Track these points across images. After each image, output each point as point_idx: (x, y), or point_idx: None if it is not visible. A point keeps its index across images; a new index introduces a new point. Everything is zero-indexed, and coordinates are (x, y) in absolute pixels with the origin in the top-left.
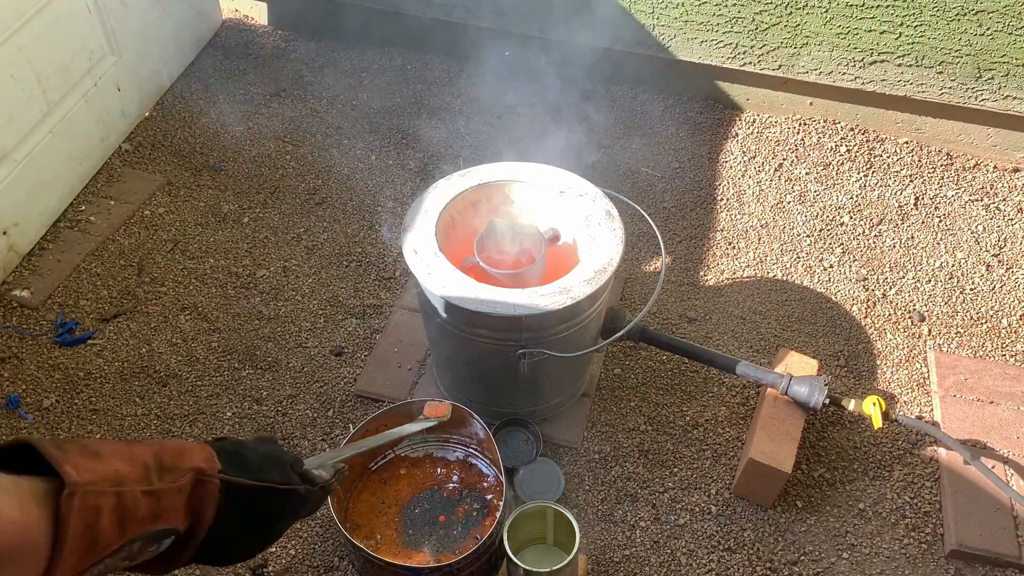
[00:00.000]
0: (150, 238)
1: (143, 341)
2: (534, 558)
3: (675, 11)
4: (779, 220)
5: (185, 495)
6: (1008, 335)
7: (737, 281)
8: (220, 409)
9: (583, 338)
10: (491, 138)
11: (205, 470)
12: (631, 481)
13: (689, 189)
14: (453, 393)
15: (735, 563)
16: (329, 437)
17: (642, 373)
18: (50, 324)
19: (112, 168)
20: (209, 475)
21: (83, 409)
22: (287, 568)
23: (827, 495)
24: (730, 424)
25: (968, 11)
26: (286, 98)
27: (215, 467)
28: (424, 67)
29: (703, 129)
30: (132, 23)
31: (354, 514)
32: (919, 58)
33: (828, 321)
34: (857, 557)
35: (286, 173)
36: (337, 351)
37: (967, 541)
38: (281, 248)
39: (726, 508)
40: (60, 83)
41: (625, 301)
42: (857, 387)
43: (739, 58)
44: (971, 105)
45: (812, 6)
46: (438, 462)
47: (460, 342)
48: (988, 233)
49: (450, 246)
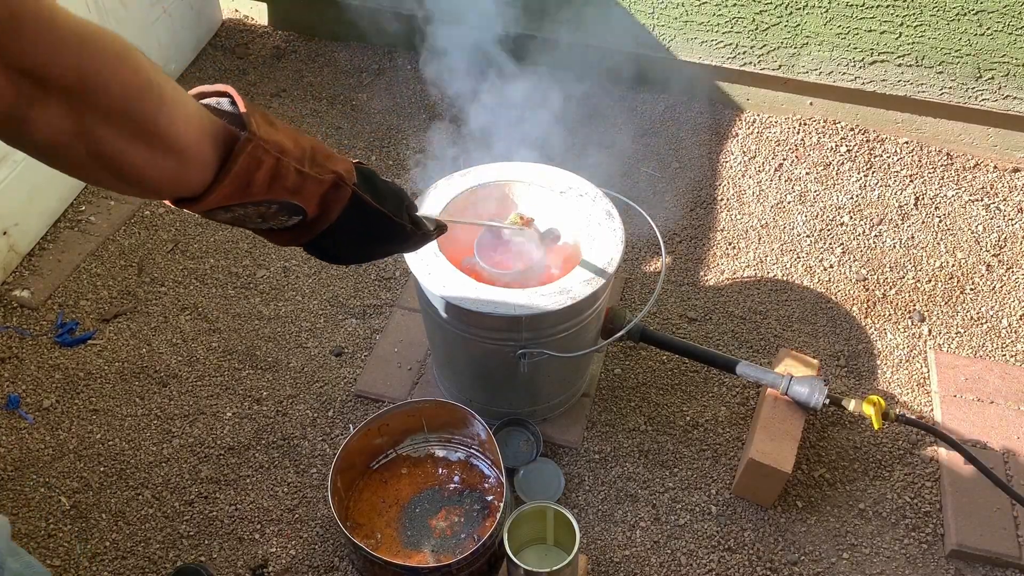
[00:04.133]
0: (150, 238)
1: (143, 341)
2: (534, 558)
3: (675, 11)
4: (779, 220)
5: (323, 189)
6: (1008, 335)
7: (737, 281)
8: (220, 409)
9: (583, 338)
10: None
11: (344, 177)
12: (631, 481)
13: (689, 189)
14: (453, 393)
15: (735, 563)
16: (329, 437)
17: (642, 373)
18: (50, 324)
19: None
20: (347, 182)
21: (83, 409)
22: (287, 568)
23: (827, 495)
24: (730, 424)
25: (968, 11)
26: (286, 98)
27: (352, 179)
28: (423, 67)
29: (703, 129)
30: (132, 23)
31: (355, 513)
32: (919, 58)
33: (828, 321)
34: (857, 557)
35: None
36: (337, 351)
37: (967, 541)
38: (281, 248)
39: (726, 508)
40: None
41: (625, 301)
42: (857, 387)
43: (739, 58)
44: (971, 105)
45: (812, 6)
46: (439, 462)
47: (460, 342)
48: (988, 233)
49: (450, 246)
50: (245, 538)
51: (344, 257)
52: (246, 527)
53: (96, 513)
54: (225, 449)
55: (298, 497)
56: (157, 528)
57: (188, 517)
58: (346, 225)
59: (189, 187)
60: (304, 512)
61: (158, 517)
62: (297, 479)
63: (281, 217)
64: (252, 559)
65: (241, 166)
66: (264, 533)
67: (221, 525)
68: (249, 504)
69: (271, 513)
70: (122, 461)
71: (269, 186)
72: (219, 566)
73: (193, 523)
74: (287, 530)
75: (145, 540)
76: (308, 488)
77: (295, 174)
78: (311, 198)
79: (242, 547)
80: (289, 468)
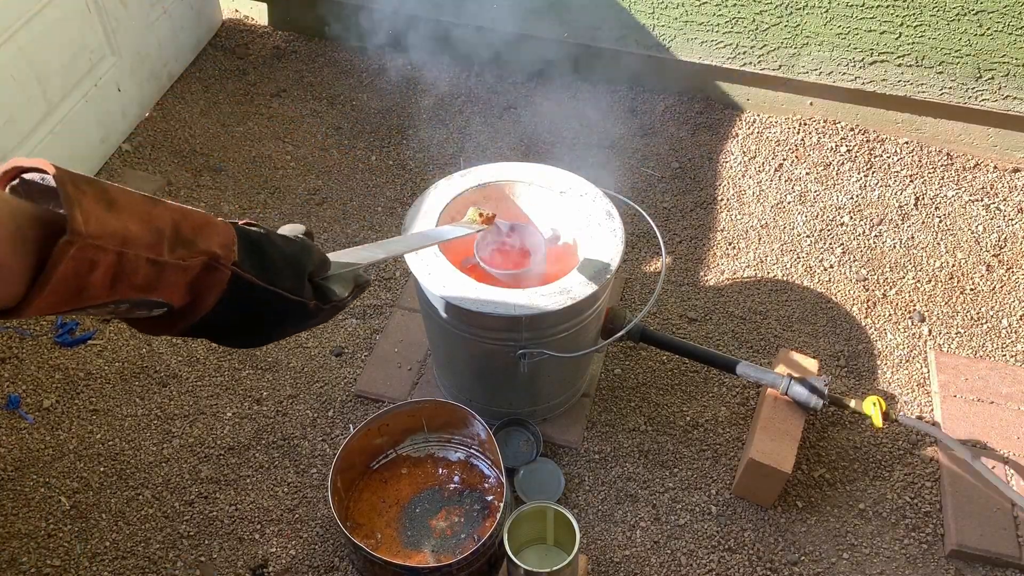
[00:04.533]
0: None
1: (143, 341)
2: (534, 558)
3: (675, 11)
4: (779, 220)
5: (190, 276)
6: (1008, 335)
7: (737, 281)
8: (220, 409)
9: (583, 338)
10: (492, 138)
11: (220, 257)
12: (631, 481)
13: (689, 189)
14: (453, 393)
15: (735, 563)
16: (329, 437)
17: (642, 373)
18: (50, 324)
19: (112, 169)
20: (222, 263)
21: (83, 409)
22: (287, 568)
23: (827, 495)
24: (730, 424)
25: (968, 11)
26: (286, 98)
27: (231, 257)
28: (423, 67)
29: (703, 129)
30: (132, 23)
31: (355, 513)
32: (919, 58)
33: (828, 321)
34: (857, 557)
35: (286, 173)
36: (337, 351)
37: (967, 541)
38: None
39: (726, 508)
40: (60, 84)
41: (625, 301)
42: (857, 387)
43: (739, 58)
44: (971, 105)
45: (812, 6)
46: (439, 462)
47: (460, 342)
48: (988, 233)
49: (450, 246)
50: (245, 538)
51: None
52: (246, 527)
53: (96, 513)
54: (225, 449)
55: (298, 497)
56: (157, 528)
57: (188, 517)
58: (228, 312)
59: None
60: (304, 512)
61: (158, 517)
62: (297, 479)
63: (139, 312)
64: (252, 559)
65: (64, 273)
66: (264, 533)
67: (221, 525)
68: (249, 504)
69: (271, 513)
70: (122, 461)
71: (112, 287)
72: (219, 566)
73: (193, 523)
74: (287, 530)
75: (145, 540)
76: (308, 488)
77: (147, 266)
78: (174, 289)
79: (242, 547)
80: (289, 468)
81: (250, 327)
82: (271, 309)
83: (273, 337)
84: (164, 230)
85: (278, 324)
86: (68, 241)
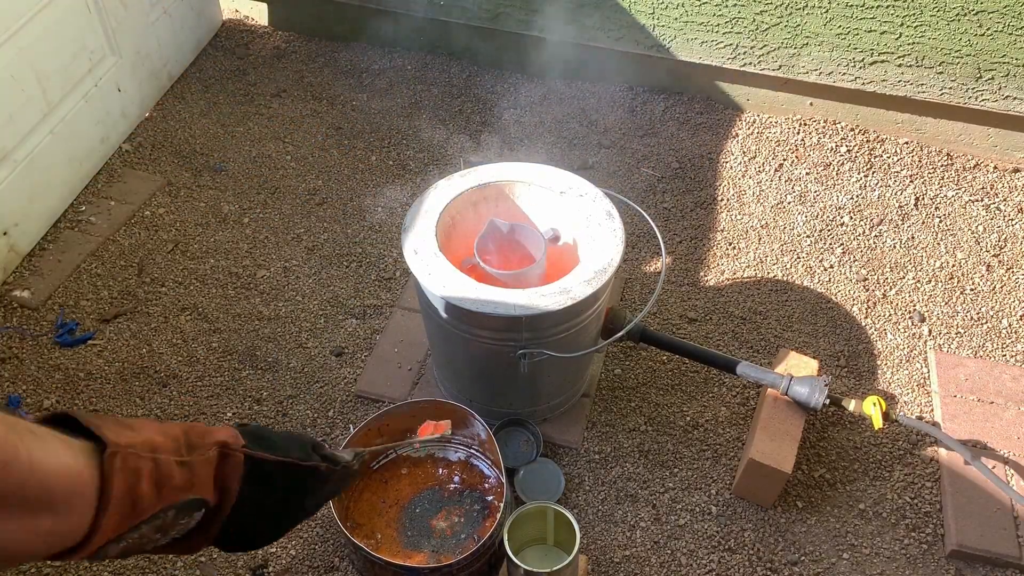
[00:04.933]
0: (150, 238)
1: (143, 341)
2: (534, 558)
3: (675, 11)
4: (779, 220)
5: (213, 466)
6: (1008, 335)
7: (737, 281)
8: (220, 409)
9: (583, 338)
10: (491, 138)
11: (230, 444)
12: (631, 481)
13: (689, 189)
14: (453, 393)
15: (735, 563)
16: (329, 437)
17: (642, 373)
18: (50, 324)
19: (112, 168)
20: (233, 448)
21: (83, 409)
22: (287, 568)
23: (827, 495)
24: (730, 424)
25: (968, 11)
26: (286, 98)
27: (239, 442)
28: (423, 67)
29: (703, 129)
30: (132, 23)
31: (355, 513)
32: (919, 58)
33: (828, 321)
34: (857, 557)
35: (286, 173)
36: (337, 351)
37: (967, 541)
38: (281, 248)
39: (726, 508)
40: (60, 83)
41: (625, 301)
42: (857, 387)
43: (739, 58)
44: (971, 105)
45: (812, 6)
46: (439, 462)
47: (460, 342)
48: (988, 233)
49: (450, 246)
50: None
51: (266, 534)
52: None
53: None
54: None
55: None
56: None
57: None
58: (253, 495)
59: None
60: None
61: None
62: None
63: (182, 521)
64: (252, 559)
65: (119, 487)
66: None
67: None
68: None
69: None
70: None
71: (158, 493)
72: (219, 566)
73: None
74: None
75: None
76: None
77: (178, 468)
78: (206, 484)
79: None
80: None
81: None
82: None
83: (300, 515)
84: (179, 438)
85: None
86: (112, 452)
